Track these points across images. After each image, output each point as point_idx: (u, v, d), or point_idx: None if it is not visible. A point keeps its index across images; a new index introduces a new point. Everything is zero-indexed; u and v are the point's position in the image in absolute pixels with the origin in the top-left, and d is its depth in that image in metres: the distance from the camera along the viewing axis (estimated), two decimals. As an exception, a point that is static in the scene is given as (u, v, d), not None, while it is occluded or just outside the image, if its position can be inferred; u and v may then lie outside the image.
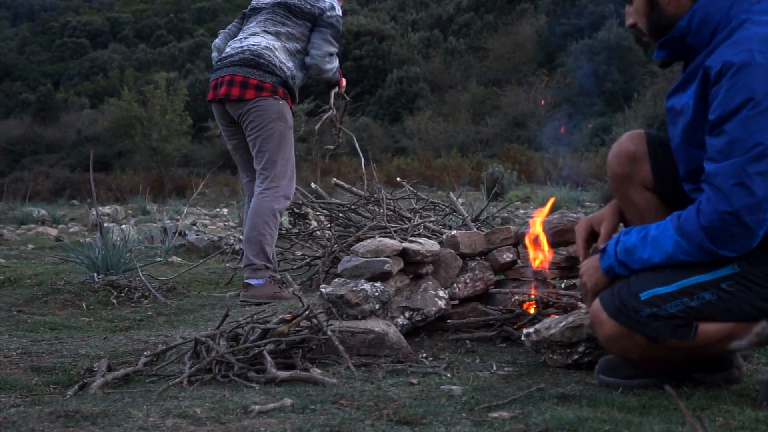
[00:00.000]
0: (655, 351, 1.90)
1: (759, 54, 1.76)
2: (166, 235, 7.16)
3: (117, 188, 22.50)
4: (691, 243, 1.82)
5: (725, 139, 1.78)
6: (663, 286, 1.84)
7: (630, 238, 1.92)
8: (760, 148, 1.75)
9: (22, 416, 1.90)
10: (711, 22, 1.88)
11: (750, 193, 1.76)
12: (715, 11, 1.88)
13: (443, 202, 4.98)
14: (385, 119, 36.53)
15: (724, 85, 1.78)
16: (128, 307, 3.92)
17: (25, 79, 54.01)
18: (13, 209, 14.80)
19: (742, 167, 1.76)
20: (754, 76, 1.75)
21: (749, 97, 1.75)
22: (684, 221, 1.83)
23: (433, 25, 45.32)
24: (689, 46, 1.93)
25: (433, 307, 2.78)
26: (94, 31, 60.84)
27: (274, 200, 3.81)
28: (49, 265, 5.55)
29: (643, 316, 1.85)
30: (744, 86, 1.75)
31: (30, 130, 39.49)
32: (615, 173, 2.12)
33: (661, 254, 1.86)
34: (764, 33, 1.80)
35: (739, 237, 1.78)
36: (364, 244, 2.79)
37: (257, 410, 1.90)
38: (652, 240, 1.87)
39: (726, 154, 1.78)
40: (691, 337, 1.84)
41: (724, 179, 1.78)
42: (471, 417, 1.84)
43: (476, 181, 17.41)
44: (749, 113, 1.75)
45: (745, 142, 1.75)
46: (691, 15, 1.90)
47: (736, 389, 2.06)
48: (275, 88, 3.87)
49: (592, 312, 1.96)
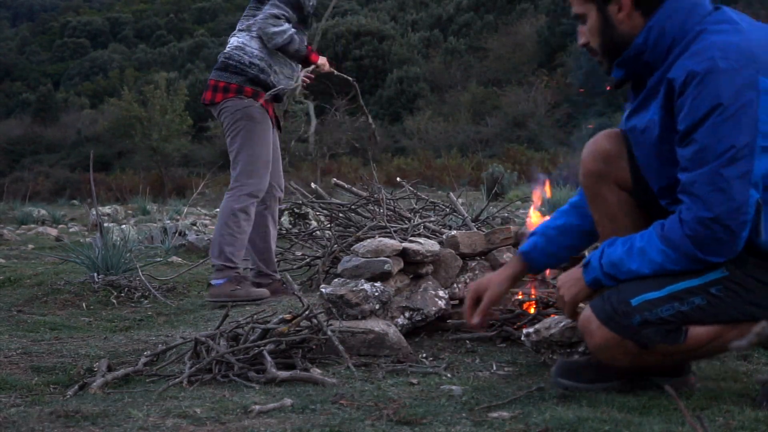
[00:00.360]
0: (645, 357, 1.90)
1: (721, 60, 1.77)
2: (166, 235, 7.17)
3: (117, 188, 22.51)
4: (678, 252, 1.82)
5: (696, 147, 1.79)
6: (653, 292, 1.85)
7: (615, 250, 1.92)
8: (733, 152, 1.75)
9: (22, 416, 1.90)
10: (667, 36, 1.89)
11: (729, 197, 1.76)
12: (671, 26, 1.89)
13: (443, 202, 4.98)
14: (385, 119, 36.52)
15: (690, 95, 1.79)
16: (128, 307, 3.92)
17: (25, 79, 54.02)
18: (13, 209, 14.81)
19: (718, 172, 1.76)
20: (719, 83, 1.76)
21: (717, 104, 1.76)
22: (668, 231, 1.84)
23: (433, 25, 45.32)
24: (646, 62, 1.94)
25: (433, 307, 2.78)
26: (94, 31, 60.85)
27: (236, 200, 3.83)
28: (49, 265, 5.56)
29: (635, 323, 1.85)
30: (710, 93, 1.76)
31: (30, 130, 39.50)
32: (589, 171, 2.11)
33: (650, 265, 1.86)
34: (723, 40, 1.81)
35: (724, 242, 1.78)
36: (364, 244, 2.79)
37: (257, 410, 1.90)
38: (639, 251, 1.87)
39: (699, 162, 1.79)
40: (681, 342, 1.85)
41: (701, 186, 1.78)
42: (471, 417, 1.84)
43: (476, 181, 17.42)
44: (717, 119, 1.76)
45: (716, 147, 1.76)
46: (647, 31, 1.91)
47: (736, 389, 2.06)
48: (241, 88, 3.87)
49: (583, 321, 1.95)
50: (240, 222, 3.81)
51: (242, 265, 3.88)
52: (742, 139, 1.75)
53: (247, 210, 3.84)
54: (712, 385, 2.12)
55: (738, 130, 1.75)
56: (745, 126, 1.75)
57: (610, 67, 2.01)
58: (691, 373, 2.08)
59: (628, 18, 1.94)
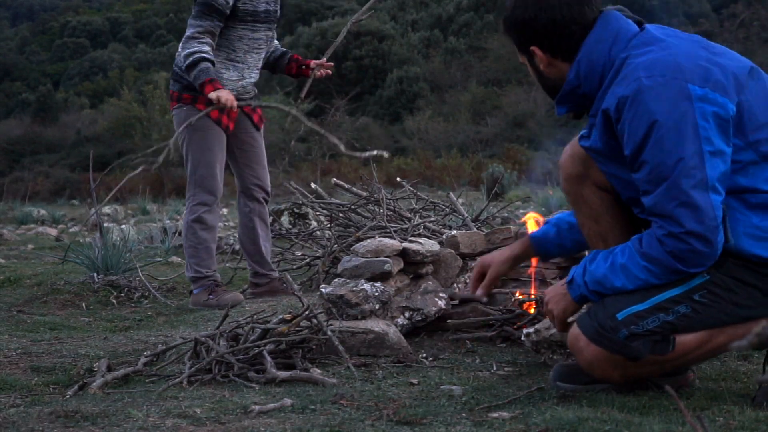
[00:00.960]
0: (636, 369, 1.91)
1: (646, 79, 1.80)
2: (166, 235, 7.17)
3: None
4: (661, 267, 1.84)
5: (648, 168, 1.81)
6: (638, 304, 1.86)
7: (598, 268, 1.93)
8: (682, 163, 1.77)
9: (22, 416, 1.90)
10: (596, 67, 1.92)
11: (694, 208, 1.78)
12: (597, 56, 1.92)
13: (443, 202, 4.98)
14: (385, 119, 36.53)
15: (627, 119, 1.82)
16: (128, 307, 3.92)
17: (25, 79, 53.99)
18: (13, 209, 14.81)
19: (675, 186, 1.78)
20: (648, 100, 1.79)
21: (652, 121, 1.78)
22: (648, 248, 1.85)
23: (433, 25, 45.31)
24: (584, 94, 1.97)
25: (433, 307, 2.78)
26: (94, 31, 60.83)
27: (189, 211, 3.87)
28: (49, 265, 5.55)
29: (622, 337, 1.86)
30: (644, 113, 1.79)
31: (30, 130, 39.47)
32: (569, 174, 2.13)
33: (634, 281, 1.87)
34: (646, 60, 1.84)
35: (703, 252, 1.80)
36: (364, 244, 2.79)
37: (257, 410, 1.90)
38: (622, 268, 1.88)
39: (656, 182, 1.81)
40: (670, 351, 1.86)
41: (664, 205, 1.80)
42: (471, 417, 1.84)
43: (476, 181, 17.41)
44: (657, 135, 1.78)
45: (666, 162, 1.78)
46: (576, 65, 1.94)
47: (736, 389, 2.06)
48: (180, 96, 3.84)
49: (571, 339, 1.97)
50: (197, 232, 3.84)
51: (212, 271, 3.88)
52: (688, 149, 1.77)
53: (201, 219, 3.85)
54: (712, 385, 2.12)
55: (682, 141, 1.77)
56: (687, 135, 1.77)
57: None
58: (689, 371, 2.09)
59: (550, 67, 1.99)
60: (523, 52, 2.02)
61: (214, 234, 3.90)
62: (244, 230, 4.02)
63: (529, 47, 1.98)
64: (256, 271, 4.05)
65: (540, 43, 1.96)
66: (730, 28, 28.35)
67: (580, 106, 2.02)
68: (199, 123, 3.66)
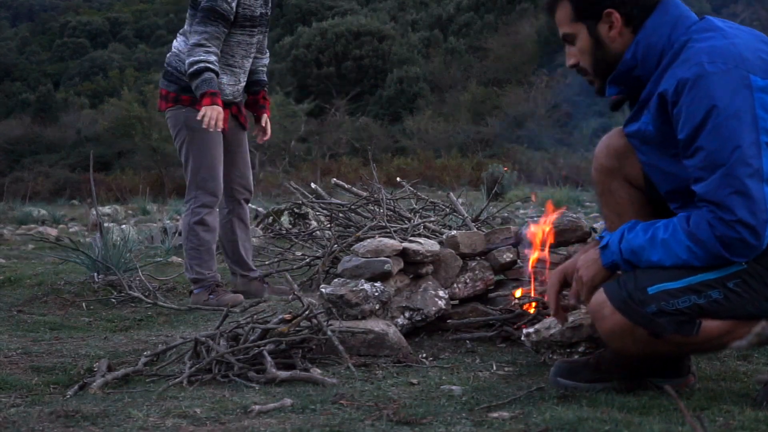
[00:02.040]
0: (655, 346, 1.89)
1: (709, 65, 1.79)
2: (166, 235, 7.17)
3: (117, 188, 22.49)
4: (706, 251, 1.82)
5: (703, 154, 1.80)
6: (671, 282, 1.84)
7: (637, 237, 1.90)
8: (740, 151, 1.76)
9: (22, 416, 1.90)
10: (655, 50, 1.92)
11: (748, 197, 1.77)
12: (657, 39, 1.91)
13: (443, 202, 4.98)
14: (385, 119, 36.51)
15: (685, 102, 1.81)
16: (128, 307, 3.92)
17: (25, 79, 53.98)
18: (13, 209, 14.80)
19: (731, 174, 1.77)
20: (710, 86, 1.78)
21: (711, 106, 1.77)
22: (696, 229, 1.82)
23: (433, 25, 45.29)
24: (638, 77, 1.96)
25: (433, 307, 2.78)
26: (94, 31, 60.81)
27: (190, 214, 3.85)
28: (49, 265, 5.55)
29: (650, 312, 1.84)
30: (703, 97, 1.78)
31: (30, 130, 39.45)
32: (601, 165, 2.12)
33: (673, 258, 1.85)
34: (708, 46, 1.83)
35: (750, 242, 1.78)
36: (364, 244, 2.79)
37: (257, 410, 1.90)
38: (662, 243, 1.86)
39: (711, 169, 1.79)
40: (695, 334, 1.84)
41: (718, 192, 1.79)
42: (471, 417, 1.84)
43: (476, 181, 17.41)
44: (716, 121, 1.77)
45: (723, 150, 1.77)
46: (635, 46, 1.93)
47: (736, 389, 2.06)
48: (177, 97, 3.81)
49: (594, 305, 1.94)
50: (199, 235, 3.84)
51: (213, 272, 3.89)
52: (746, 138, 1.76)
53: (204, 221, 3.84)
54: (712, 385, 2.12)
55: (740, 130, 1.76)
56: (746, 124, 1.76)
57: (603, 86, 2.03)
58: (690, 374, 2.09)
59: (619, 36, 1.96)
60: (588, 16, 1.96)
61: (215, 235, 3.91)
62: (223, 231, 4.04)
63: (604, 10, 1.94)
64: (234, 271, 4.08)
65: (619, 6, 1.93)
66: (730, 28, 28.28)
67: (631, 88, 1.99)
68: (199, 125, 3.67)
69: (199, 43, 3.66)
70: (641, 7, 1.93)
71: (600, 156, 2.12)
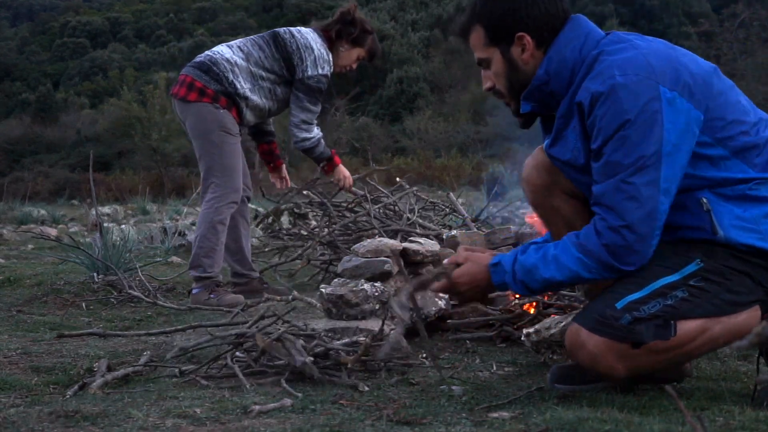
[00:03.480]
0: (640, 359, 1.88)
1: (620, 77, 1.82)
2: (166, 235, 7.17)
3: (117, 188, 22.50)
4: (594, 260, 1.86)
5: (605, 159, 1.84)
6: (635, 293, 1.86)
7: (529, 257, 1.94)
8: (642, 161, 1.80)
9: (22, 416, 1.90)
10: (567, 64, 1.94)
11: (639, 205, 1.81)
12: (569, 53, 1.94)
13: (443, 202, 4.99)
14: (385, 119, 36.55)
15: (598, 114, 1.84)
16: (128, 307, 3.92)
17: (25, 79, 54.02)
18: (13, 209, 14.80)
19: (627, 180, 1.81)
20: (621, 98, 1.81)
21: (625, 120, 1.80)
22: (584, 239, 1.87)
23: (433, 25, 45.33)
24: (551, 92, 1.98)
25: (433, 307, 2.78)
26: (94, 31, 60.86)
27: (215, 211, 3.82)
28: (49, 265, 5.55)
29: (625, 322, 1.85)
30: (617, 110, 1.81)
31: (30, 130, 39.50)
32: (535, 185, 2.15)
33: (565, 272, 1.89)
34: (620, 58, 1.86)
35: (635, 249, 1.83)
36: (364, 244, 2.79)
37: (257, 410, 1.90)
38: (554, 259, 1.90)
39: (611, 173, 1.83)
40: (673, 335, 1.85)
41: (612, 196, 1.83)
42: (471, 417, 1.84)
43: (476, 181, 17.42)
44: (626, 132, 1.80)
45: (627, 158, 1.81)
46: (547, 62, 1.96)
47: (736, 389, 2.06)
48: (217, 96, 3.80)
49: (570, 336, 1.94)
50: (219, 234, 3.84)
51: (218, 271, 3.88)
52: (650, 149, 1.80)
53: (225, 221, 3.86)
54: (712, 385, 2.12)
55: (647, 141, 1.80)
56: (652, 136, 1.80)
57: (518, 105, 2.06)
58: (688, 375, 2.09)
59: (531, 58, 2.00)
60: (500, 41, 2.01)
61: (225, 237, 3.93)
62: (229, 230, 4.02)
63: (515, 34, 1.97)
64: (236, 270, 4.07)
65: (530, 29, 1.97)
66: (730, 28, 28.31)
67: (544, 104, 2.03)
68: (234, 129, 3.85)
69: (311, 122, 3.95)
70: (551, 28, 1.97)
71: (531, 178, 2.15)
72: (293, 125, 3.92)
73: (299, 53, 3.83)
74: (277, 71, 3.87)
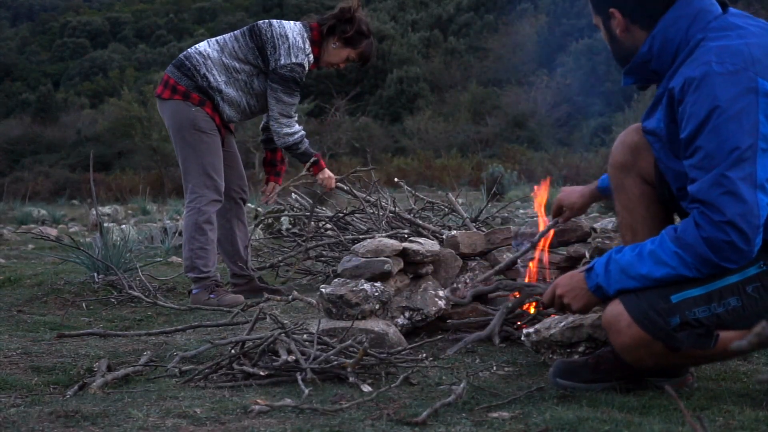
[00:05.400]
0: (671, 358, 1.87)
1: (716, 65, 1.78)
2: (166, 235, 7.16)
3: (117, 188, 22.49)
4: (693, 255, 1.80)
5: (701, 154, 1.79)
6: (695, 288, 1.82)
7: (624, 256, 1.89)
8: (737, 153, 1.75)
9: (22, 416, 1.90)
10: (671, 45, 1.91)
11: (739, 200, 1.75)
12: (674, 34, 1.90)
13: (442, 202, 4.99)
14: (385, 119, 36.54)
15: (689, 101, 1.80)
16: (128, 307, 3.92)
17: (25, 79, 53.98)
18: (13, 209, 14.80)
19: (724, 174, 1.76)
20: (714, 86, 1.76)
21: (714, 106, 1.76)
22: (683, 233, 1.81)
23: (433, 25, 45.32)
24: (654, 70, 1.96)
25: (433, 307, 2.78)
26: (94, 31, 60.82)
27: (197, 212, 3.81)
28: (49, 265, 5.55)
29: (673, 324, 1.81)
30: (707, 97, 1.77)
31: (30, 130, 39.46)
32: (615, 161, 2.13)
33: (662, 268, 1.83)
34: (719, 45, 1.81)
35: (738, 246, 1.77)
36: (364, 244, 2.79)
37: (257, 410, 1.90)
38: (650, 254, 1.85)
39: (706, 168, 1.78)
40: (712, 346, 1.83)
41: (710, 191, 1.77)
42: (471, 417, 1.84)
43: (476, 181, 17.42)
44: (717, 121, 1.75)
45: (720, 150, 1.76)
46: (651, 40, 1.93)
47: (736, 389, 2.06)
48: (188, 93, 3.78)
49: (609, 317, 1.90)
50: (206, 233, 3.82)
51: (214, 271, 3.88)
52: (745, 141, 1.74)
53: (211, 219, 3.84)
54: (712, 385, 2.12)
55: (740, 132, 1.75)
56: (746, 127, 1.74)
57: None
58: (688, 373, 2.08)
59: (626, 32, 1.97)
60: (600, 12, 2.00)
61: (216, 233, 3.92)
62: (223, 231, 4.03)
63: (608, 8, 1.95)
64: (235, 272, 4.08)
65: (621, 5, 1.95)
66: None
67: (647, 80, 2.00)
68: (207, 126, 3.78)
69: (290, 115, 3.84)
70: (647, 9, 1.92)
71: (615, 152, 2.13)
72: (272, 120, 3.83)
73: (273, 41, 3.75)
74: (251, 61, 3.80)
